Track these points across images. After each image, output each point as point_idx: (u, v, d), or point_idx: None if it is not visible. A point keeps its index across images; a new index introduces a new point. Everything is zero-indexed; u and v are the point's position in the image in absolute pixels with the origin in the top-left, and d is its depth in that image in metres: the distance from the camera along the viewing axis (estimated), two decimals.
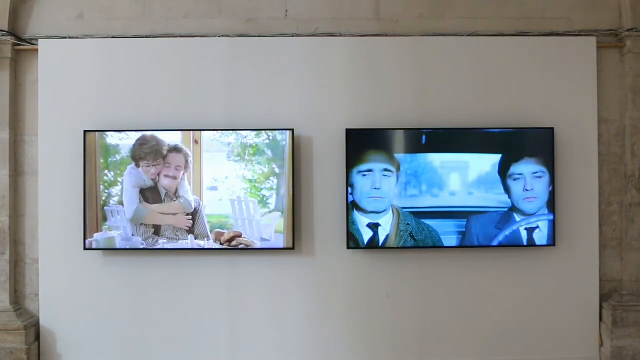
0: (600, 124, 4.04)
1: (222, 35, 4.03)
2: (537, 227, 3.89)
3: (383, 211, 3.86)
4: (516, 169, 3.87)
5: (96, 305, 3.97)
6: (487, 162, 3.88)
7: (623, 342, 3.91)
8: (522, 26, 4.07)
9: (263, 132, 3.79)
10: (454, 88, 4.00)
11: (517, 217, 3.88)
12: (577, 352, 4.00)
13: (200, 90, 3.98)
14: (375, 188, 3.84)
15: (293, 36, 4.05)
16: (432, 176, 3.87)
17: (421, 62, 4.00)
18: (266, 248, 3.84)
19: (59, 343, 3.99)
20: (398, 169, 3.86)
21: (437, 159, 3.87)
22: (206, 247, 3.80)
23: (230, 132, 3.80)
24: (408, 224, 3.87)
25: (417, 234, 3.88)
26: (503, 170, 3.87)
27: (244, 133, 3.80)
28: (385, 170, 3.85)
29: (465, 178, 3.87)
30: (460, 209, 3.87)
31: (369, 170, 3.85)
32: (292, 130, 3.86)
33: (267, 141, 3.69)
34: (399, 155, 3.87)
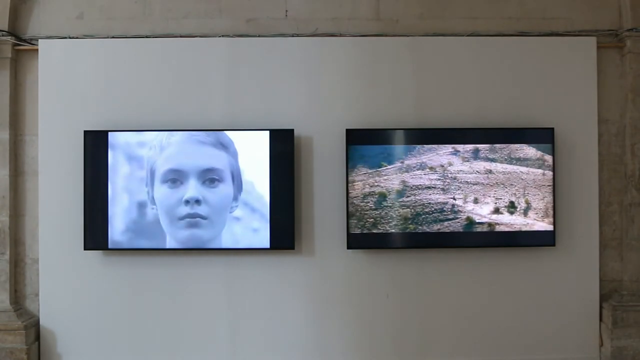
0: (600, 124, 4.04)
1: (222, 35, 4.03)
2: (536, 226, 3.88)
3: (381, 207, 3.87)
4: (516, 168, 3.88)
5: (96, 305, 3.97)
6: (486, 161, 3.88)
7: (623, 342, 3.91)
8: (522, 26, 4.07)
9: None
10: (454, 88, 4.00)
11: (517, 217, 3.88)
12: (577, 352, 4.00)
13: (200, 90, 3.98)
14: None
15: (293, 36, 4.04)
16: (431, 175, 3.87)
17: (421, 62, 4.00)
18: (266, 248, 3.86)
19: (59, 343, 3.99)
20: (397, 167, 3.87)
21: (437, 158, 3.87)
22: (206, 247, 3.85)
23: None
24: (408, 224, 3.87)
25: (418, 234, 3.88)
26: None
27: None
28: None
29: (465, 177, 3.87)
30: (460, 208, 3.87)
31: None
32: (292, 130, 3.87)
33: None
34: (399, 155, 3.87)
